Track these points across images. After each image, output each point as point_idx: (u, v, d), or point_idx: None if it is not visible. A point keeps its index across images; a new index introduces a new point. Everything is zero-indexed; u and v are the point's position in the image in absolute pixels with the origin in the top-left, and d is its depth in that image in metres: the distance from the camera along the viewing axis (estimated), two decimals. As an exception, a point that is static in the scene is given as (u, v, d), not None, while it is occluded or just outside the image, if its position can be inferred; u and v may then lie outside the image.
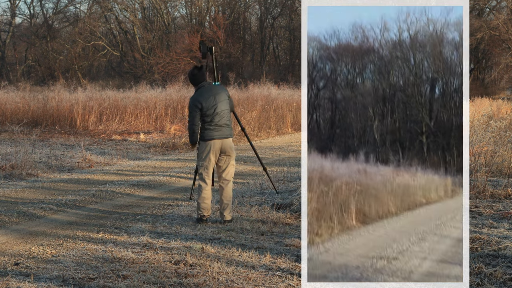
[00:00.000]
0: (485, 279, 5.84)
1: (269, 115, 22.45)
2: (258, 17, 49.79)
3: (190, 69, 8.27)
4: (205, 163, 8.10)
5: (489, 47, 44.29)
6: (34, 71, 46.61)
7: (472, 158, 10.42)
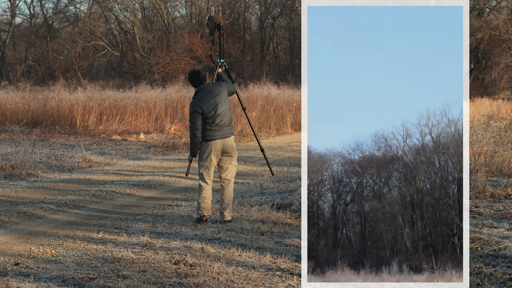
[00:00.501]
0: (485, 279, 5.84)
1: (269, 115, 22.44)
2: (258, 17, 49.79)
3: (189, 72, 8.16)
4: (206, 163, 8.09)
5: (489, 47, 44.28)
6: (34, 71, 46.60)
7: (472, 158, 10.42)
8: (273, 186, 10.70)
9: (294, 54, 46.58)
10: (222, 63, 8.64)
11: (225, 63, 8.69)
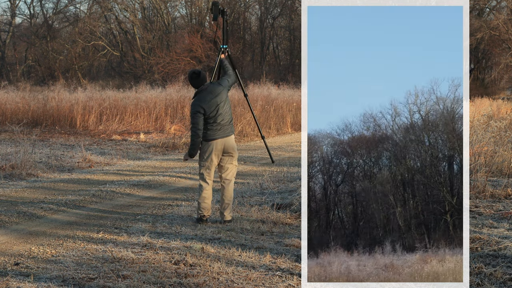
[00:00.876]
0: (485, 279, 5.84)
1: (269, 115, 22.44)
2: (258, 17, 49.79)
3: (189, 73, 8.11)
4: (207, 163, 8.08)
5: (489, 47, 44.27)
6: (34, 71, 46.59)
7: (472, 158, 10.42)
8: (273, 186, 10.71)
9: (294, 54, 46.58)
10: (225, 49, 8.59)
11: (228, 49, 8.65)
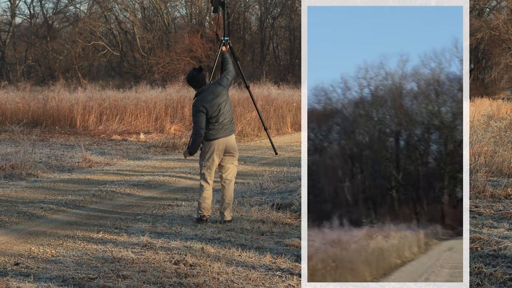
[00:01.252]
0: (485, 279, 5.84)
1: (269, 115, 22.44)
2: (258, 17, 49.80)
3: (189, 72, 8.10)
4: (209, 163, 8.07)
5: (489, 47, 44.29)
6: (34, 71, 46.60)
7: (472, 158, 10.42)
8: (273, 186, 10.71)
9: (294, 54, 46.58)
10: (226, 41, 8.52)
11: (229, 41, 8.60)
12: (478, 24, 40.92)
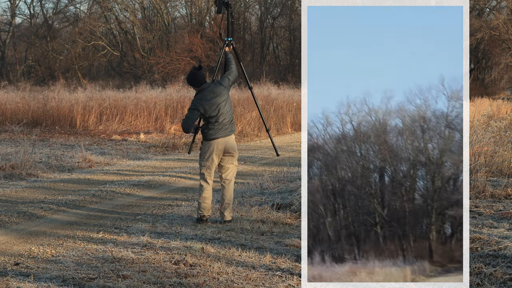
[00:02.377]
0: (485, 279, 5.84)
1: (269, 115, 22.45)
2: (258, 17, 49.79)
3: (190, 71, 8.14)
4: (208, 163, 8.07)
5: (489, 47, 44.29)
6: (34, 71, 46.59)
7: (472, 158, 10.42)
8: (273, 186, 10.71)
9: (294, 54, 46.58)
10: (229, 42, 8.47)
11: (232, 42, 8.55)
12: (478, 24, 40.92)
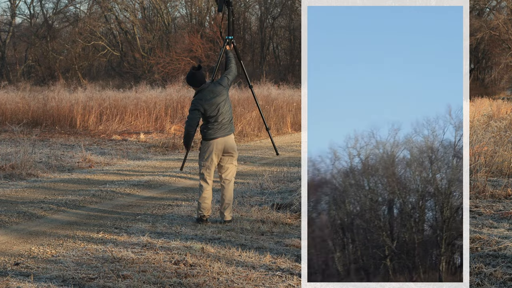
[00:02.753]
0: (485, 279, 5.84)
1: (269, 115, 22.45)
2: (258, 17, 49.79)
3: (189, 71, 8.15)
4: (207, 163, 8.07)
5: (489, 47, 44.30)
6: (34, 71, 46.59)
7: (472, 158, 10.42)
8: (273, 186, 10.70)
9: (294, 54, 46.58)
10: (230, 40, 8.46)
11: (233, 40, 8.54)
12: (478, 24, 40.92)
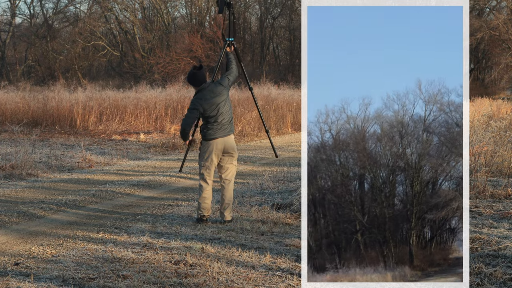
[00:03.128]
0: (485, 279, 5.84)
1: (269, 115, 22.45)
2: (258, 17, 49.79)
3: (190, 70, 8.18)
4: (207, 163, 8.07)
5: (489, 47, 44.30)
6: (34, 71, 46.59)
7: (472, 158, 10.42)
8: (273, 186, 10.71)
9: (294, 54, 46.58)
10: (231, 42, 8.42)
11: (233, 42, 8.52)
12: (478, 24, 40.92)
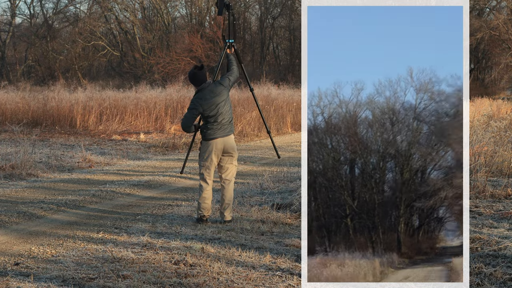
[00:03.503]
0: (485, 279, 5.84)
1: (269, 115, 22.45)
2: (258, 17, 49.79)
3: (191, 69, 8.20)
4: (207, 163, 8.07)
5: (489, 47, 44.30)
6: (34, 71, 46.59)
7: (472, 158, 10.42)
8: (273, 186, 10.71)
9: (294, 54, 46.58)
10: (231, 43, 8.38)
11: (234, 44, 8.51)
12: (478, 24, 40.92)
